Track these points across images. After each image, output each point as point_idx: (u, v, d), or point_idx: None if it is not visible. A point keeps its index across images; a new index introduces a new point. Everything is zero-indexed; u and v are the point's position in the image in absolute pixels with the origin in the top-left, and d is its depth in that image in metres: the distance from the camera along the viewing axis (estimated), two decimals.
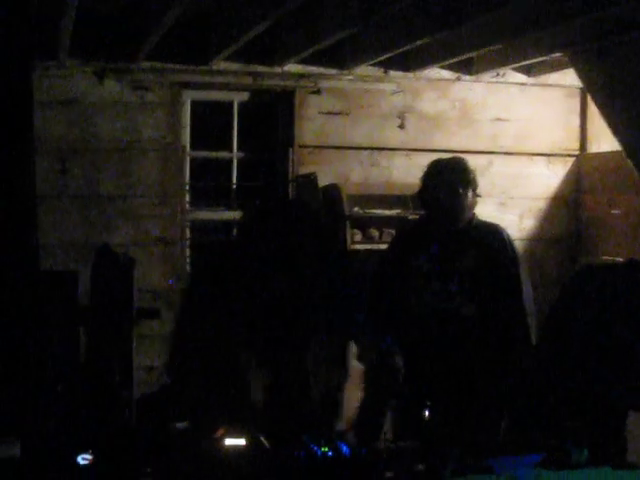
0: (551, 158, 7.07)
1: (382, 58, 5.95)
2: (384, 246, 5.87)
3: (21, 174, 5.82)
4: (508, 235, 4.85)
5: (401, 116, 6.79)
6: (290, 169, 6.57)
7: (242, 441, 3.20)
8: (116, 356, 4.96)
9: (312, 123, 6.60)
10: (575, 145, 7.12)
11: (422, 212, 5.30)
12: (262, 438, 3.20)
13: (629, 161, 5.48)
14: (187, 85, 6.41)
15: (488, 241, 4.76)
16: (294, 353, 3.77)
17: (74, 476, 2.91)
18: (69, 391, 4.39)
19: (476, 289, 4.64)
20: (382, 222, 6.50)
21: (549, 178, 7.07)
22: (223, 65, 6.22)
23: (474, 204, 4.76)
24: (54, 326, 5.13)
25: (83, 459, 2.89)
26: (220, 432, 3.26)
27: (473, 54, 5.95)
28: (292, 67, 6.36)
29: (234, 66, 6.29)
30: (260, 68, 6.36)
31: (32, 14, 5.30)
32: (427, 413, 3.46)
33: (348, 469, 3.12)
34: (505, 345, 4.70)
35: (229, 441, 3.20)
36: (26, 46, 5.63)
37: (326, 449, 3.10)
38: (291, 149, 6.56)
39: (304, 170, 6.50)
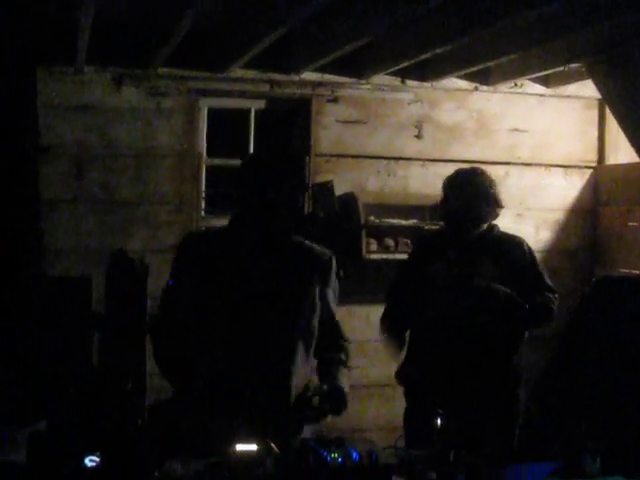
0: (568, 170, 7.03)
1: (399, 67, 5.93)
2: (400, 256, 5.87)
3: (25, 179, 5.85)
4: (529, 246, 4.91)
5: (418, 126, 6.77)
6: (307, 177, 6.56)
7: (253, 446, 3.18)
8: (129, 362, 4.96)
9: (329, 131, 6.58)
10: (592, 157, 7.08)
11: (439, 222, 5.36)
12: (272, 443, 3.18)
13: None
14: (204, 92, 6.40)
15: (508, 251, 4.80)
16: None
17: (80, 477, 2.89)
18: (81, 396, 4.38)
19: (490, 297, 4.64)
20: (398, 232, 6.47)
21: (566, 189, 7.04)
22: (240, 73, 6.21)
23: (494, 214, 4.79)
24: (67, 331, 5.14)
25: (90, 460, 2.87)
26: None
27: (490, 64, 5.92)
28: (309, 75, 6.34)
29: (251, 74, 6.28)
30: (277, 76, 6.35)
31: (47, 20, 5.35)
32: (439, 421, 3.44)
33: (358, 476, 3.10)
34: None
35: (240, 446, 3.18)
36: (29, 51, 5.67)
37: (336, 455, 3.08)
38: (308, 157, 6.55)
39: (320, 178, 6.48)
